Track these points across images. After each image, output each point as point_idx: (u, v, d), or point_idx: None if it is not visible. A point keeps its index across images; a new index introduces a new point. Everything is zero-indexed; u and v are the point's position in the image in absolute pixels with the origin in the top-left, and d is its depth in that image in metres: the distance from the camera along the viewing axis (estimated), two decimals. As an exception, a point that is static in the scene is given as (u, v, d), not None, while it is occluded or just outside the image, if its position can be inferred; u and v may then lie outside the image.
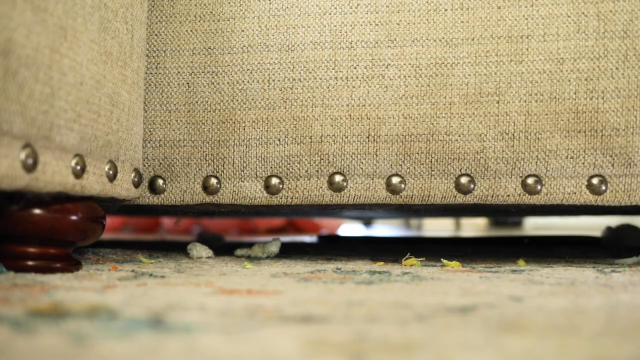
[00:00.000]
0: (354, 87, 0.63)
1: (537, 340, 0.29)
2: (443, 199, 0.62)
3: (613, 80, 0.61)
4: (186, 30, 0.66)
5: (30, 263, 0.51)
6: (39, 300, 0.38)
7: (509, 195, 0.62)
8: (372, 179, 0.63)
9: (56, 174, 0.47)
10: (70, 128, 0.48)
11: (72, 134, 0.48)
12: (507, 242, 1.01)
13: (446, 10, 0.62)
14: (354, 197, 0.63)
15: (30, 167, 0.43)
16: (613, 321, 0.33)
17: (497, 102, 0.62)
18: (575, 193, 0.61)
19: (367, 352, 0.26)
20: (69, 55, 0.48)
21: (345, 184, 0.63)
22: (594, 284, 0.48)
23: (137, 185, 0.62)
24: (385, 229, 2.28)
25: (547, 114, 0.61)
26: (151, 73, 0.66)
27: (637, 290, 0.45)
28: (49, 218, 0.50)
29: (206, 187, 0.65)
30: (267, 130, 0.64)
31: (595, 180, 0.61)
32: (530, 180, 0.61)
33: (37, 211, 0.50)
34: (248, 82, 0.64)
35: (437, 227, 2.46)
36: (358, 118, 0.63)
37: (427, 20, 0.63)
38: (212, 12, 0.65)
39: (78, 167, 0.49)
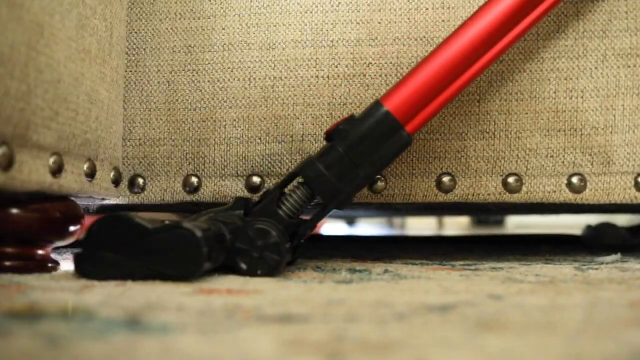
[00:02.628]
0: (335, 85, 0.63)
1: (515, 338, 0.29)
2: (424, 198, 0.62)
3: (592, 79, 0.61)
4: (166, 28, 0.65)
5: (7, 263, 0.50)
6: (14, 300, 0.37)
7: (489, 194, 0.62)
8: (354, 178, 0.63)
9: (33, 173, 0.46)
10: (47, 126, 0.48)
11: (49, 132, 0.48)
12: (488, 240, 1.01)
13: (427, 9, 0.62)
14: (335, 195, 0.63)
15: (5, 166, 0.43)
16: (591, 319, 0.33)
17: (478, 101, 0.62)
18: (555, 192, 0.61)
19: (344, 351, 0.26)
20: (45, 52, 0.47)
21: (326, 182, 0.63)
22: (573, 281, 0.48)
23: (116, 184, 0.62)
24: (368, 227, 2.28)
25: (527, 113, 0.61)
26: (131, 71, 0.65)
27: (615, 287, 0.45)
28: (27, 217, 0.50)
29: (186, 186, 0.64)
30: (247, 129, 0.64)
31: (575, 179, 0.61)
32: (510, 179, 0.61)
33: (14, 211, 0.49)
34: (229, 80, 0.64)
35: (420, 226, 2.47)
36: (339, 117, 0.62)
37: (409, 19, 0.63)
38: (192, 10, 0.65)
39: (56, 166, 0.49)
